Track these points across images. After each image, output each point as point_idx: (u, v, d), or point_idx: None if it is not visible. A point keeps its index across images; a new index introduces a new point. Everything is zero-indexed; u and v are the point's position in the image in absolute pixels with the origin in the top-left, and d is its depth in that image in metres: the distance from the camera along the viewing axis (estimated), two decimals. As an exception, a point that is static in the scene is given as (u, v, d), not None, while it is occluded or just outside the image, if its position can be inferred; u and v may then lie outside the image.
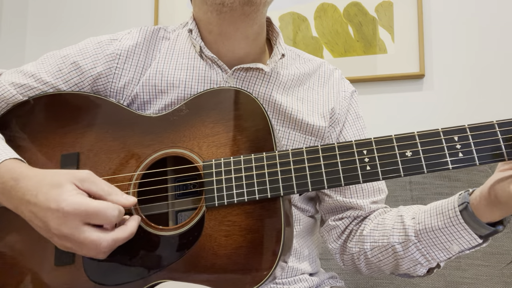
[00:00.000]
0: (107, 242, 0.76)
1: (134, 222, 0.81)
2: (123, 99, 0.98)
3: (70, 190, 0.76)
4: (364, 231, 1.01)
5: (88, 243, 0.75)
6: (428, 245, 0.91)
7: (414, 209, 0.97)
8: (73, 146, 0.92)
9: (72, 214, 0.74)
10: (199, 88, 0.97)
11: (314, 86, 1.07)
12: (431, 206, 0.92)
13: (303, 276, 1.04)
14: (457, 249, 0.88)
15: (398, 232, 0.95)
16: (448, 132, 0.77)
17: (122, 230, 0.79)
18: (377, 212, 1.05)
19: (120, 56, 0.99)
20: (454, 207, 0.86)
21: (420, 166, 0.77)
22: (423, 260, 0.93)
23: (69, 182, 0.77)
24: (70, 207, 0.74)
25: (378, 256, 0.98)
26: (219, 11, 0.95)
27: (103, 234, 0.76)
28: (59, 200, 0.75)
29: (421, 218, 0.92)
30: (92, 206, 0.75)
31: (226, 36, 0.98)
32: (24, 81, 0.96)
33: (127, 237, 0.79)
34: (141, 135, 0.90)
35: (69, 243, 0.77)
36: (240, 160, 0.83)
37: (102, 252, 0.77)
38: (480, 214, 0.83)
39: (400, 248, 0.94)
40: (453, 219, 0.86)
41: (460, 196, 0.87)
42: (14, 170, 0.81)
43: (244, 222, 0.80)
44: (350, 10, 1.88)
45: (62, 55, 1.00)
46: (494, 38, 1.74)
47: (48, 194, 0.76)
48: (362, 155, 0.79)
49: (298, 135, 1.01)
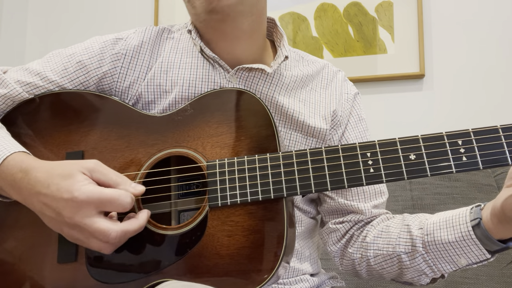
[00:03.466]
0: (116, 233, 0.76)
1: (144, 215, 0.81)
2: (128, 99, 0.99)
3: (82, 180, 0.77)
4: (367, 237, 1.01)
5: (98, 233, 0.75)
6: (436, 257, 0.90)
7: (420, 218, 0.96)
8: (77, 144, 0.92)
9: (86, 203, 0.75)
10: (202, 86, 0.98)
11: (316, 88, 1.07)
12: (440, 217, 0.91)
13: (304, 276, 1.04)
14: (464, 262, 0.88)
15: (405, 241, 0.94)
16: (452, 136, 0.78)
17: (132, 222, 0.79)
18: (379, 219, 1.04)
19: (125, 55, 0.99)
20: (466, 222, 0.85)
21: (424, 169, 0.77)
22: (428, 271, 0.92)
23: (79, 172, 0.77)
24: (84, 196, 0.75)
25: (382, 264, 0.98)
26: (199, 20, 0.98)
27: (113, 225, 0.76)
28: (72, 190, 0.75)
29: (429, 230, 0.91)
30: (105, 193, 0.76)
31: (217, 38, 0.99)
32: (29, 79, 0.96)
33: (137, 229, 0.79)
34: (145, 134, 0.90)
35: (79, 233, 0.77)
36: (243, 160, 0.83)
37: (110, 243, 0.77)
38: (491, 231, 0.82)
39: (406, 258, 0.93)
40: (465, 234, 0.85)
41: (472, 211, 0.86)
42: (23, 162, 0.82)
43: (247, 223, 0.81)
44: (350, 10, 1.89)
45: (67, 54, 1.00)
46: (494, 38, 1.74)
47: (60, 185, 0.76)
48: (366, 157, 0.80)
49: (300, 137, 1.01)
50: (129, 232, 0.78)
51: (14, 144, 0.86)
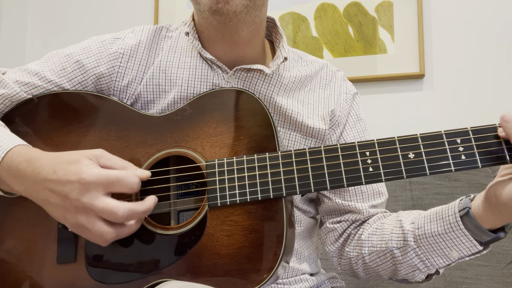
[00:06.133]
0: (123, 210, 0.75)
1: (152, 199, 0.80)
2: (127, 98, 0.99)
3: (88, 164, 0.77)
4: (363, 235, 1.01)
5: (106, 212, 0.75)
6: (427, 251, 0.90)
7: (414, 214, 0.97)
8: (76, 145, 0.92)
9: (94, 183, 0.75)
10: (201, 87, 0.98)
11: (315, 88, 1.07)
12: (431, 211, 0.91)
13: (304, 276, 1.04)
14: (456, 255, 0.87)
15: (397, 237, 0.94)
16: (450, 134, 0.78)
17: (140, 203, 0.79)
18: (376, 217, 1.04)
19: (123, 55, 1.00)
20: (454, 212, 0.85)
21: (423, 168, 0.77)
22: (421, 266, 0.92)
23: (86, 158, 0.78)
24: (92, 177, 0.75)
25: (376, 261, 0.98)
26: (202, 16, 0.97)
27: (120, 203, 0.76)
28: (80, 173, 0.76)
29: (420, 223, 0.91)
30: (113, 174, 0.76)
31: (216, 39, 0.99)
32: (28, 80, 0.97)
33: (144, 210, 0.78)
34: (144, 134, 0.90)
35: (84, 216, 0.76)
36: (243, 160, 0.83)
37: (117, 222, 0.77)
38: (481, 220, 0.82)
39: (399, 253, 0.93)
40: (453, 224, 0.85)
41: (461, 202, 0.86)
42: (27, 153, 0.82)
43: (247, 222, 0.81)
44: (350, 10, 1.89)
45: (65, 54, 1.00)
46: (494, 38, 1.75)
47: (67, 169, 0.77)
48: (365, 156, 0.80)
49: (299, 137, 1.02)
50: (136, 212, 0.77)
51: (17, 138, 0.87)
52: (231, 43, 0.98)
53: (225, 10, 0.90)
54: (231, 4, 0.90)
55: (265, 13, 1.01)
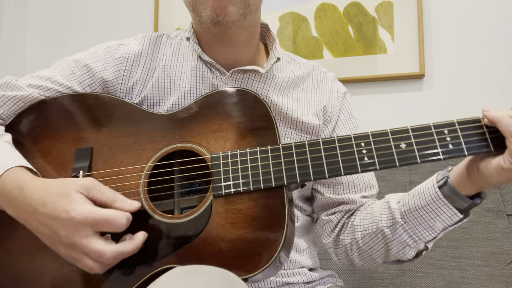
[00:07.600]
0: (111, 253, 0.78)
1: (140, 237, 0.83)
2: (132, 99, 1.05)
3: (78, 199, 0.79)
4: (355, 221, 1.07)
5: (93, 253, 0.77)
6: (414, 225, 0.96)
7: (399, 195, 1.02)
8: (87, 141, 0.97)
9: (82, 223, 0.77)
10: (202, 88, 1.04)
11: (308, 88, 1.14)
12: (414, 189, 0.97)
13: (303, 270, 1.08)
14: (440, 226, 0.93)
15: (386, 216, 1.00)
16: (438, 126, 0.84)
17: (128, 243, 0.81)
18: (366, 204, 1.10)
19: (128, 59, 1.06)
20: (433, 184, 0.92)
21: (414, 156, 0.82)
22: (410, 241, 0.98)
23: (76, 191, 0.80)
24: (81, 216, 0.77)
25: (369, 243, 1.03)
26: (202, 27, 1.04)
27: (108, 246, 0.78)
28: (69, 210, 0.77)
29: (405, 201, 0.97)
30: (101, 214, 0.78)
31: (215, 44, 1.06)
32: (40, 83, 1.02)
33: (132, 250, 0.81)
34: (152, 131, 0.95)
35: (74, 252, 0.78)
36: (246, 152, 0.88)
37: (104, 263, 0.79)
38: (459, 188, 0.88)
39: (389, 232, 0.99)
40: (433, 195, 0.91)
41: (440, 173, 0.93)
42: (19, 179, 0.84)
43: (250, 210, 0.84)
44: (350, 10, 1.88)
45: (74, 60, 1.07)
46: (494, 38, 1.74)
47: (56, 204, 0.78)
48: (360, 147, 0.85)
49: (295, 133, 1.07)
50: (124, 253, 0.80)
51: (12, 157, 0.88)
52: (229, 47, 1.05)
53: (225, 22, 0.97)
54: (229, 15, 0.97)
55: (259, 14, 1.08)
